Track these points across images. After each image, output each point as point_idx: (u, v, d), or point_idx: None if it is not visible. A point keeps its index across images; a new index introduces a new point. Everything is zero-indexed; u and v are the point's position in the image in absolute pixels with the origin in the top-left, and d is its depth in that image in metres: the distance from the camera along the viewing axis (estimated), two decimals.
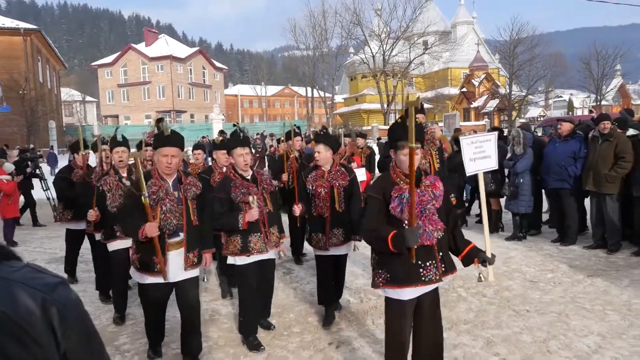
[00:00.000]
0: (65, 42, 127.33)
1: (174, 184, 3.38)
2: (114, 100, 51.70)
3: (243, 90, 67.88)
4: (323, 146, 4.18)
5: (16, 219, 8.46)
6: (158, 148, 3.32)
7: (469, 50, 44.41)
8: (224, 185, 3.78)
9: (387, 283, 2.79)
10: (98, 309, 4.90)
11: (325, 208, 4.12)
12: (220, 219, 3.71)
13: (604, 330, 3.97)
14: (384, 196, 2.75)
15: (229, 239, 3.77)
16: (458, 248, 2.93)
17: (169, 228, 3.28)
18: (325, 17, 43.54)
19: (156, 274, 3.32)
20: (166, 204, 3.27)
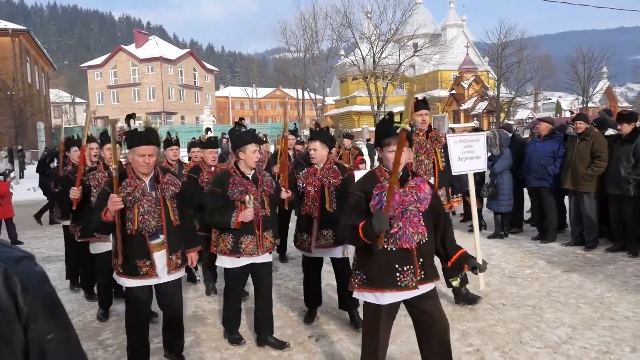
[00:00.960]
0: (55, 43, 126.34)
1: (150, 183, 3.21)
2: (103, 102, 51.42)
3: (234, 92, 67.81)
4: (319, 143, 3.99)
5: (10, 218, 8.39)
6: (133, 147, 3.12)
7: (459, 52, 44.76)
8: (221, 180, 3.62)
9: (362, 285, 2.71)
10: (82, 306, 4.94)
11: (315, 208, 3.96)
12: (213, 215, 3.59)
13: (576, 322, 4.10)
14: (365, 194, 2.67)
15: (220, 237, 3.64)
16: (447, 254, 2.79)
17: (148, 230, 3.12)
18: (315, 19, 43.73)
19: (142, 277, 3.18)
20: (143, 205, 3.10)
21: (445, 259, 2.83)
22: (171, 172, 3.39)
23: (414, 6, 41.91)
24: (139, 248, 3.15)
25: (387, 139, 2.69)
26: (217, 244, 3.67)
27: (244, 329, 4.15)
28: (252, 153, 3.61)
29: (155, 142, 3.18)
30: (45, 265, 6.74)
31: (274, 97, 72.00)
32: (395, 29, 38.35)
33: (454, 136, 4.30)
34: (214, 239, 3.72)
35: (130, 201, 3.08)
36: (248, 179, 3.63)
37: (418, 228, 2.59)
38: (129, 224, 3.10)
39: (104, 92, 51.46)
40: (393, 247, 2.58)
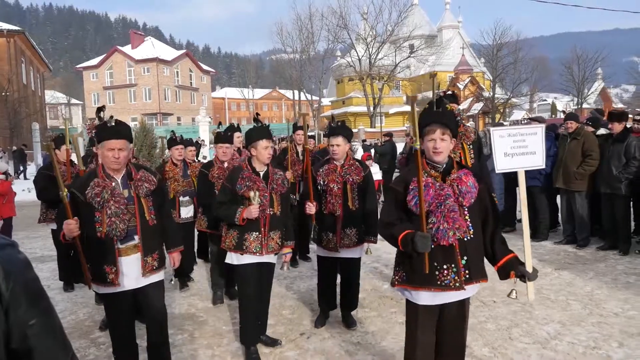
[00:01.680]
0: (51, 44, 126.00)
1: (122, 181, 2.99)
2: (99, 103, 51.26)
3: (230, 93, 67.78)
4: (342, 138, 3.86)
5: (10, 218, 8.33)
6: (102, 141, 2.89)
7: (455, 54, 44.92)
8: (232, 175, 3.56)
9: (402, 282, 2.57)
10: (75, 304, 4.94)
11: (338, 205, 3.83)
12: (220, 209, 3.53)
13: (565, 318, 4.14)
14: (405, 188, 2.48)
15: (227, 232, 3.59)
16: (495, 256, 2.56)
17: (115, 234, 2.88)
18: (312, 20, 43.75)
19: (109, 284, 2.94)
20: (110, 206, 2.86)
21: (492, 261, 2.59)
22: (145, 168, 3.19)
23: (410, 7, 42.10)
24: (106, 252, 2.91)
25: (428, 126, 2.49)
26: (225, 240, 3.60)
27: (230, 326, 4.17)
28: (264, 149, 3.50)
29: (126, 136, 2.96)
30: (39, 265, 6.75)
31: (270, 98, 72.02)
32: (391, 30, 38.50)
33: (501, 129, 3.92)
34: (223, 233, 3.65)
35: (99, 202, 2.86)
36: (259, 175, 3.53)
37: (455, 223, 2.38)
38: (98, 226, 2.88)
39: (99, 93, 51.34)
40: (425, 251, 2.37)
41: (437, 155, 2.47)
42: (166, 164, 5.45)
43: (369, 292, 4.96)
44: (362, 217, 3.87)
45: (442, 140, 2.45)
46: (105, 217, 2.86)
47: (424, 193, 2.38)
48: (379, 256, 6.06)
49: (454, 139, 2.56)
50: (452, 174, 2.50)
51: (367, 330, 4.04)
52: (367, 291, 4.97)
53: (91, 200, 2.85)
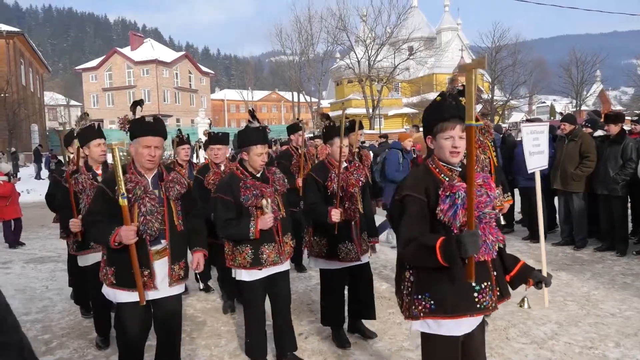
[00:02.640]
0: (50, 45, 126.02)
1: (153, 181, 2.81)
2: (98, 105, 51.30)
3: (229, 95, 67.80)
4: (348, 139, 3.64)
5: (18, 219, 8.28)
6: (138, 137, 2.72)
7: (454, 56, 45.03)
8: (229, 186, 3.18)
9: (430, 313, 2.09)
10: (73, 305, 4.93)
11: (356, 211, 3.53)
12: (228, 228, 3.15)
13: (562, 318, 4.16)
14: (427, 196, 2.09)
15: (235, 249, 3.22)
16: (506, 265, 2.27)
17: (150, 233, 2.68)
18: (311, 22, 43.82)
19: (134, 289, 2.71)
20: (145, 203, 2.69)
21: (503, 271, 2.29)
22: (175, 171, 3.00)
23: (409, 10, 42.16)
24: (138, 254, 2.68)
25: (445, 122, 2.11)
26: (233, 258, 3.23)
27: (233, 327, 4.18)
28: (258, 156, 3.18)
29: (162, 134, 2.79)
30: (38, 266, 6.75)
31: (270, 100, 72.06)
32: (391, 32, 38.54)
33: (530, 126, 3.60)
34: (228, 251, 3.28)
35: (131, 199, 2.67)
36: (258, 179, 3.23)
37: (498, 235, 2.10)
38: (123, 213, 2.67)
39: (98, 94, 51.35)
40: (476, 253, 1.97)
41: (455, 156, 2.13)
42: (171, 165, 5.23)
43: None
44: (365, 219, 3.67)
45: (462, 138, 2.10)
46: (138, 214, 2.68)
47: (458, 200, 2.00)
48: (377, 256, 6.07)
49: None
50: None
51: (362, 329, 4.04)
52: None
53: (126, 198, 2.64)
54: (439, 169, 2.15)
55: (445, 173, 2.13)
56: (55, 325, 4.41)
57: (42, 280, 6.02)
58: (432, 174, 2.15)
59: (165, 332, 2.93)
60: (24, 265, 6.86)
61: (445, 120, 2.11)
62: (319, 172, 3.61)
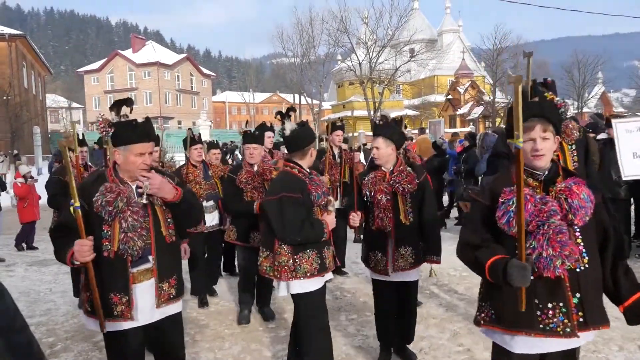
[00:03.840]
0: (52, 48, 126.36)
1: (137, 188, 2.45)
2: (100, 107, 51.41)
3: (231, 97, 67.98)
4: (382, 140, 3.29)
5: (34, 222, 8.30)
6: (127, 144, 2.36)
7: (455, 58, 45.10)
8: (296, 184, 2.91)
9: (490, 322, 2.02)
10: (77, 308, 4.95)
11: (388, 220, 3.26)
12: (307, 231, 2.85)
13: None
14: (493, 200, 1.97)
15: (298, 257, 2.90)
16: (619, 293, 1.98)
17: (131, 253, 2.32)
18: (312, 24, 43.84)
19: (115, 318, 2.36)
20: (127, 218, 2.31)
21: (615, 299, 2.01)
22: (162, 172, 2.60)
23: (410, 12, 42.19)
24: (116, 277, 2.34)
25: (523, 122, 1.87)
26: (295, 268, 2.89)
27: (237, 329, 4.19)
28: (312, 157, 3.11)
29: (155, 138, 2.54)
30: (41, 268, 6.77)
31: (271, 102, 72.15)
32: (392, 34, 38.58)
33: (628, 122, 2.97)
34: (286, 261, 2.90)
35: (111, 213, 2.30)
36: None
37: (563, 249, 1.83)
38: (106, 243, 2.31)
39: (100, 97, 51.47)
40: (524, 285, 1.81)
41: (538, 160, 1.93)
42: (183, 167, 5.03)
43: (370, 296, 4.96)
44: (419, 232, 3.29)
45: (544, 139, 1.92)
46: (118, 231, 2.31)
47: (511, 208, 1.89)
48: None
49: (557, 136, 2.02)
50: (557, 183, 1.95)
51: (368, 334, 4.05)
52: (369, 295, 4.97)
53: (101, 210, 2.30)
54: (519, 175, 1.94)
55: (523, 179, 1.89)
56: (59, 328, 4.43)
57: (46, 283, 6.04)
58: (509, 177, 2.01)
59: (164, 358, 2.63)
60: (27, 267, 6.88)
61: (525, 121, 1.88)
62: (365, 175, 3.43)
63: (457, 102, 42.21)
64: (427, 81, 47.79)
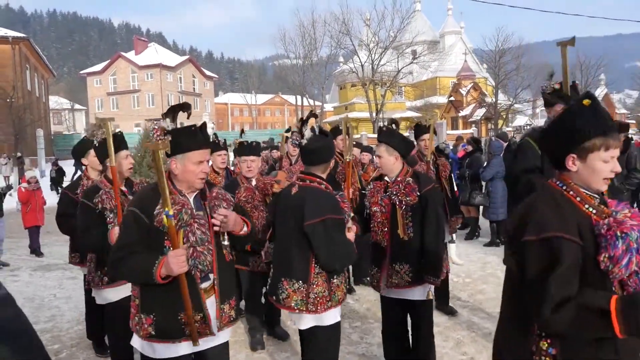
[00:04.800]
0: (55, 49, 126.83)
1: (196, 202, 2.27)
2: (103, 109, 51.59)
3: (233, 99, 68.10)
4: (385, 148, 3.04)
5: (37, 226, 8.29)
6: (186, 152, 2.17)
7: (457, 59, 45.09)
8: (336, 203, 2.65)
9: None
10: (82, 314, 4.96)
11: (383, 234, 3.04)
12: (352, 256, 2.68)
13: None
14: (581, 237, 1.52)
15: (332, 285, 2.67)
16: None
17: (202, 268, 2.15)
18: (314, 26, 43.98)
19: (187, 338, 2.17)
20: (194, 231, 2.14)
21: None
22: (211, 184, 2.45)
23: (412, 13, 42.25)
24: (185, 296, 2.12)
25: (602, 137, 1.55)
26: (331, 297, 2.65)
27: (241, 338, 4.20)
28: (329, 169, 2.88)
29: (210, 145, 2.38)
30: (45, 273, 6.81)
31: (273, 104, 72.29)
32: (394, 36, 38.64)
33: None
34: (323, 292, 2.64)
35: (177, 226, 2.12)
36: None
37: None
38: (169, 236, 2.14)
39: (103, 98, 51.64)
40: None
41: (607, 183, 1.62)
42: None
43: (373, 302, 4.99)
44: (420, 249, 2.99)
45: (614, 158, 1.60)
46: (185, 245, 2.13)
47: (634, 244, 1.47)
48: None
49: None
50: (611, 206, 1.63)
51: (371, 342, 4.07)
52: (372, 302, 5.00)
53: (162, 224, 2.10)
54: (580, 198, 1.61)
55: (591, 204, 1.60)
56: (64, 335, 4.45)
57: (50, 288, 6.07)
58: (573, 205, 1.60)
59: None
60: (32, 272, 6.91)
61: (607, 134, 1.56)
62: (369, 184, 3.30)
63: (459, 103, 42.18)
64: (429, 83, 47.78)
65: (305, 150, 2.74)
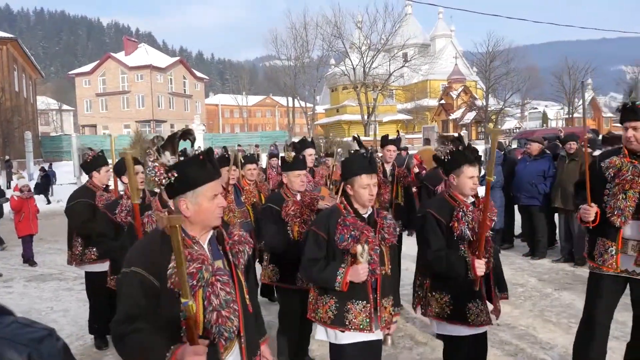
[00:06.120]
0: (42, 49, 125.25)
1: (213, 247, 1.91)
2: (92, 110, 51.04)
3: (224, 100, 67.81)
4: None
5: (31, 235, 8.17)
6: (197, 187, 1.80)
7: (448, 63, 45.43)
8: (327, 220, 2.62)
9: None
10: (82, 329, 4.91)
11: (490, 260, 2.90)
12: (311, 269, 2.57)
13: (568, 342, 4.20)
14: None
15: (320, 299, 2.64)
16: None
17: (228, 336, 1.79)
18: (306, 29, 44.04)
19: None
20: (217, 292, 1.76)
21: None
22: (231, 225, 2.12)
23: (404, 17, 42.48)
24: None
25: None
26: (315, 309, 2.66)
27: None
28: (363, 189, 2.58)
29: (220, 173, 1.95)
30: (40, 284, 6.72)
31: (264, 105, 72.14)
32: (386, 39, 38.82)
33: None
34: (312, 299, 2.72)
35: (194, 288, 1.71)
36: (364, 219, 2.61)
37: None
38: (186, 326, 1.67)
39: (92, 100, 51.07)
40: None
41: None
42: None
43: None
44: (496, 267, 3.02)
45: None
46: (202, 309, 1.74)
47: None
48: None
49: None
50: None
51: None
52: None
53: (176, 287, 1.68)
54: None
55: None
56: None
57: (46, 300, 5.99)
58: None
59: None
60: (26, 283, 6.81)
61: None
62: (440, 210, 2.83)
63: (449, 107, 42.51)
64: (420, 86, 48.07)
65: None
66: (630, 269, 3.06)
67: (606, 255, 3.08)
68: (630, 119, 2.97)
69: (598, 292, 3.27)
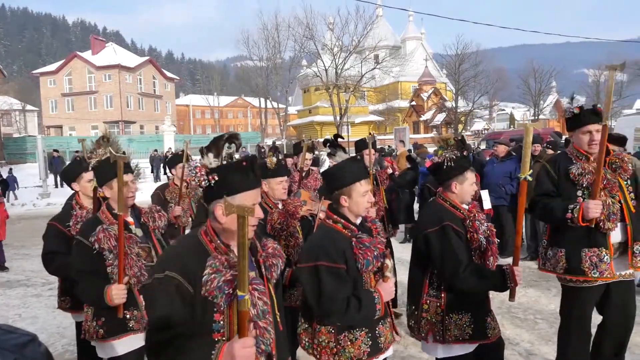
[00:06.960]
0: (3, 47, 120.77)
1: None
2: (57, 110, 49.53)
3: (195, 101, 66.92)
4: None
5: None
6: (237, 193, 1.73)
7: (418, 65, 46.23)
8: (342, 248, 2.23)
9: None
10: (51, 335, 4.82)
11: None
12: (352, 312, 2.16)
13: (534, 337, 4.41)
14: None
15: (341, 339, 2.25)
16: None
17: (265, 349, 1.72)
18: (278, 30, 43.97)
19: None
20: (255, 301, 1.68)
21: None
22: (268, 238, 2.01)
23: (375, 19, 42.95)
24: None
25: None
26: (337, 351, 2.25)
27: None
28: (362, 197, 2.31)
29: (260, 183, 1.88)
30: (6, 291, 6.52)
31: (236, 106, 71.59)
32: (357, 41, 39.15)
33: None
34: (328, 342, 2.27)
35: (230, 296, 1.66)
36: (364, 232, 2.37)
37: None
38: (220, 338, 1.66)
39: (57, 100, 49.56)
40: None
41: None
42: None
43: None
44: None
45: None
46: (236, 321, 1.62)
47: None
48: None
49: None
50: None
51: None
52: None
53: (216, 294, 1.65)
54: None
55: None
56: None
57: (14, 307, 5.83)
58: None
59: None
60: None
61: None
62: (453, 221, 2.64)
63: (420, 108, 43.28)
64: (391, 87, 48.71)
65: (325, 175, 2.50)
66: (623, 272, 3.03)
67: (603, 265, 2.96)
68: (593, 122, 3.03)
69: (588, 305, 3.19)
